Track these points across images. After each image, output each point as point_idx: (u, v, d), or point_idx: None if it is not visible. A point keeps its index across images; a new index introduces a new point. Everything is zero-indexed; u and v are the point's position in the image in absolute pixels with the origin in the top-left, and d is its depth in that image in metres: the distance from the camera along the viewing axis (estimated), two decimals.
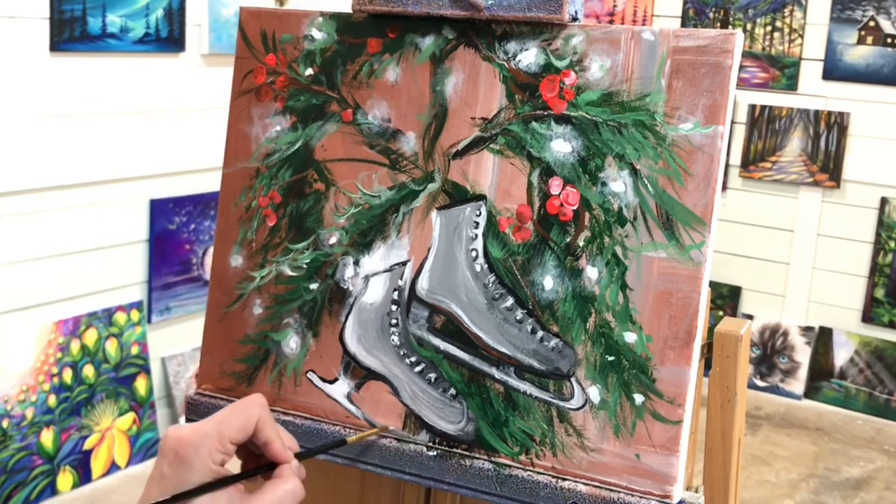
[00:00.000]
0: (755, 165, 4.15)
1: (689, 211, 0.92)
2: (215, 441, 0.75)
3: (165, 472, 0.74)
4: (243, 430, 0.77)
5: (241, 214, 1.10)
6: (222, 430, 0.76)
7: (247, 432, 0.78)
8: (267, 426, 0.79)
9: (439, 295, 1.00)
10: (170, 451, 0.75)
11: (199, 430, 0.76)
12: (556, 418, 0.95)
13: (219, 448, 0.75)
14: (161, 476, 0.74)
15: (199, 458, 0.74)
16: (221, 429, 0.76)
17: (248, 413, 0.78)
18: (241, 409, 0.78)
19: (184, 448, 0.74)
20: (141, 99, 3.01)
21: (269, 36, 1.10)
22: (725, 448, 1.10)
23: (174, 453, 0.74)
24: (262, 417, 0.79)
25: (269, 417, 0.80)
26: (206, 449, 0.75)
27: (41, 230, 2.80)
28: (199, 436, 0.75)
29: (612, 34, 0.95)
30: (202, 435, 0.75)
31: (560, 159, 0.96)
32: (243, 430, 0.77)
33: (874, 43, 3.87)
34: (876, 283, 3.94)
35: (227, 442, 0.76)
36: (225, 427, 0.76)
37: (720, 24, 4.19)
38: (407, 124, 1.03)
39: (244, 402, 0.79)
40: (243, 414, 0.78)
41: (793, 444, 3.63)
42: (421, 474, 0.99)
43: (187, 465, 0.74)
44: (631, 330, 0.93)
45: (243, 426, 0.77)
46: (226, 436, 0.76)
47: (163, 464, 0.75)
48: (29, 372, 2.79)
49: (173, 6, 3.02)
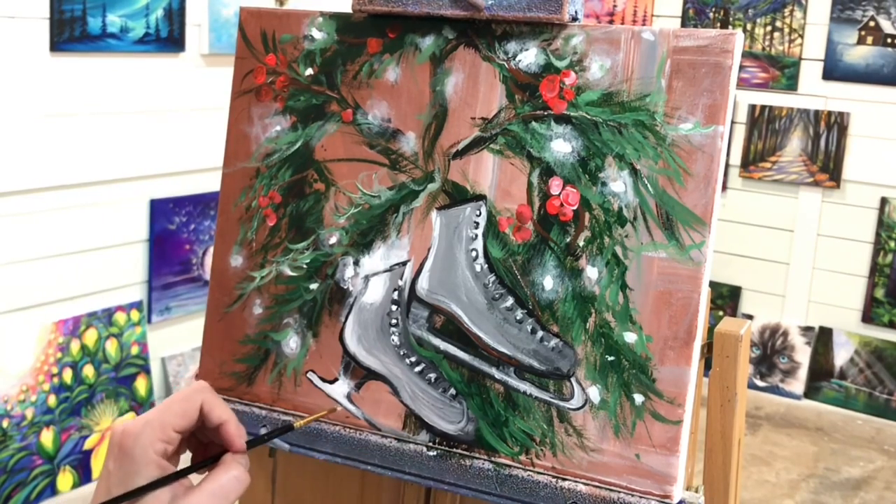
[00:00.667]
0: (755, 165, 4.15)
1: (689, 211, 0.92)
2: (156, 429, 0.73)
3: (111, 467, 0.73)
4: (185, 415, 0.75)
5: (241, 214, 1.10)
6: (163, 417, 0.74)
7: (190, 418, 0.76)
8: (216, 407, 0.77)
9: (439, 295, 1.00)
10: (114, 445, 0.73)
11: (140, 420, 0.74)
12: (556, 418, 0.95)
13: (160, 437, 0.73)
14: (108, 472, 0.73)
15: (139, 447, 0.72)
16: (162, 416, 0.74)
17: (190, 399, 0.76)
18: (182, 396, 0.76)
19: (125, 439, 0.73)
20: (141, 99, 3.01)
21: (269, 36, 1.10)
22: (725, 448, 1.10)
23: (118, 447, 0.73)
24: (206, 400, 0.77)
25: (216, 400, 0.77)
26: (146, 438, 0.73)
27: (41, 230, 2.80)
28: (140, 426, 0.73)
29: (612, 34, 0.95)
30: (143, 424, 0.73)
31: (560, 159, 0.96)
32: (185, 415, 0.75)
33: (874, 43, 3.87)
34: (876, 283, 3.94)
35: (168, 429, 0.74)
36: (165, 414, 0.74)
37: (720, 24, 4.19)
38: (407, 124, 1.03)
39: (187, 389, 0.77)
40: (185, 401, 0.76)
41: (793, 444, 3.63)
42: (421, 474, 0.99)
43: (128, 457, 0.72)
44: (631, 330, 0.93)
45: (185, 412, 0.75)
46: (167, 423, 0.74)
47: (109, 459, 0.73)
48: (29, 372, 2.79)
49: (173, 6, 3.02)
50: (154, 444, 0.73)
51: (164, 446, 0.74)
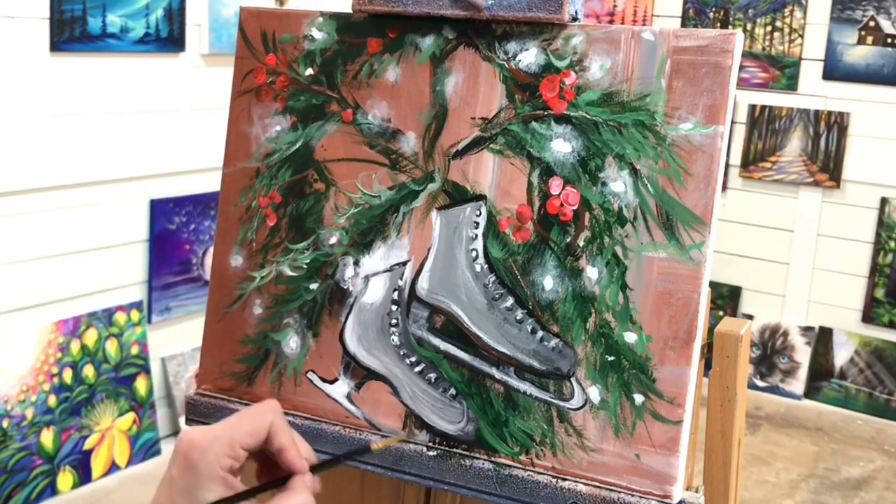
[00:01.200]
0: (755, 165, 4.15)
1: (689, 211, 0.92)
2: (225, 445, 0.73)
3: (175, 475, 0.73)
4: (254, 434, 0.75)
5: (241, 214, 1.10)
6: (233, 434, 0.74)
7: (258, 437, 0.76)
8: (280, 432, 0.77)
9: (439, 295, 1.00)
10: (180, 454, 0.73)
11: (209, 433, 0.74)
12: (556, 418, 0.95)
13: (228, 453, 0.74)
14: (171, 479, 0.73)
15: (206, 461, 0.73)
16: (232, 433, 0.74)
17: (261, 418, 0.76)
18: (253, 414, 0.76)
19: (193, 452, 0.73)
20: (141, 99, 3.01)
21: (270, 36, 1.10)
22: (725, 448, 1.10)
23: (184, 457, 0.73)
24: (275, 423, 0.76)
25: (283, 423, 0.77)
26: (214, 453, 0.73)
27: (41, 230, 2.80)
28: (209, 440, 0.73)
29: (612, 34, 0.95)
30: (212, 439, 0.73)
31: (560, 159, 0.96)
32: (254, 434, 0.75)
33: (874, 43, 3.87)
34: (876, 283, 3.94)
35: (237, 447, 0.74)
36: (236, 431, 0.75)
37: (720, 24, 4.18)
38: (407, 124, 1.03)
39: (257, 407, 0.77)
40: (256, 419, 0.76)
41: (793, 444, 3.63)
42: (421, 474, 0.99)
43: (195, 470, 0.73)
44: (631, 330, 0.93)
45: (254, 431, 0.75)
46: (236, 440, 0.74)
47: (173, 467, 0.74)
48: (29, 372, 2.79)
49: (173, 6, 3.02)
50: (221, 460, 0.73)
51: (230, 462, 0.74)
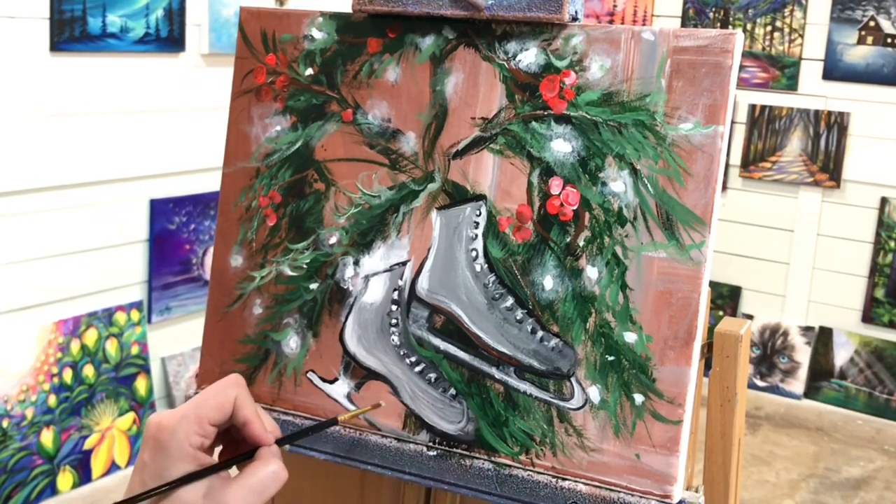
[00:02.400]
0: (755, 165, 4.15)
1: (689, 211, 0.92)
2: (192, 423, 0.74)
3: (146, 459, 0.73)
4: (221, 409, 0.76)
5: (241, 214, 1.10)
6: (199, 411, 0.74)
7: (225, 412, 0.76)
8: (245, 406, 0.77)
9: (439, 295, 1.00)
10: (150, 437, 0.74)
11: (176, 413, 0.74)
12: (556, 418, 0.95)
13: (196, 430, 0.74)
14: (143, 465, 0.73)
15: (175, 441, 0.73)
16: (198, 410, 0.75)
17: (225, 393, 0.76)
18: (217, 390, 0.77)
19: (161, 433, 0.73)
20: (141, 99, 3.01)
21: (269, 36, 1.10)
22: (725, 448, 1.10)
23: (153, 439, 0.73)
24: (239, 396, 0.77)
25: (247, 398, 0.78)
26: (183, 432, 0.73)
27: (41, 230, 2.80)
28: (177, 419, 0.74)
29: (612, 34, 0.95)
30: (179, 418, 0.74)
31: (560, 159, 0.96)
32: (221, 409, 0.76)
33: (874, 43, 3.87)
34: (876, 283, 3.94)
35: (204, 423, 0.74)
36: (201, 408, 0.75)
37: (720, 24, 4.19)
38: (407, 124, 1.03)
39: (221, 383, 0.77)
40: (220, 394, 0.76)
41: (793, 444, 3.63)
42: (421, 474, 0.99)
43: (165, 450, 0.73)
44: (631, 330, 0.93)
45: (220, 406, 0.76)
46: (203, 417, 0.74)
47: (144, 452, 0.74)
48: (29, 372, 2.79)
49: (173, 6, 3.02)
50: (190, 438, 0.73)
51: (200, 440, 0.74)
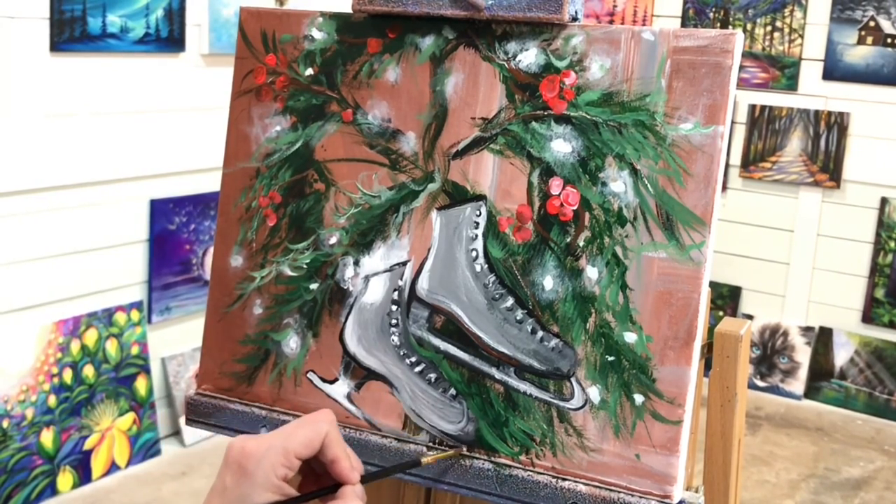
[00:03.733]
0: (755, 165, 4.15)
1: (689, 211, 0.92)
2: (280, 455, 0.73)
3: (228, 483, 0.73)
4: (310, 445, 0.75)
5: (241, 214, 1.10)
6: (288, 444, 0.74)
7: (313, 448, 0.75)
8: (334, 443, 0.76)
9: (439, 295, 1.00)
10: (233, 462, 0.73)
11: (264, 442, 0.74)
12: (556, 418, 0.95)
13: (283, 462, 0.73)
14: (223, 488, 0.73)
15: (261, 470, 0.72)
16: (287, 443, 0.74)
17: (316, 428, 0.76)
18: (308, 424, 0.76)
19: (247, 460, 0.73)
20: (141, 99, 3.01)
21: (269, 36, 1.10)
22: (725, 448, 1.10)
23: (237, 465, 0.73)
24: (329, 434, 0.76)
25: (337, 435, 0.77)
26: (269, 462, 0.73)
27: (41, 230, 2.80)
28: (264, 448, 0.73)
29: (612, 34, 0.95)
30: (267, 448, 0.73)
31: (560, 159, 0.96)
32: (310, 445, 0.75)
33: (874, 43, 3.87)
34: (876, 283, 3.94)
35: (291, 456, 0.74)
36: (291, 441, 0.74)
37: (720, 24, 4.18)
38: (407, 124, 1.03)
39: (312, 417, 0.77)
40: (311, 429, 0.76)
41: (793, 444, 3.63)
42: (421, 474, 0.99)
43: (249, 478, 0.72)
44: (631, 330, 0.93)
45: (310, 441, 0.75)
46: (291, 450, 0.74)
47: (226, 475, 0.73)
48: (29, 372, 2.79)
49: (173, 6, 3.02)
50: (277, 469, 0.73)
51: (285, 471, 0.74)
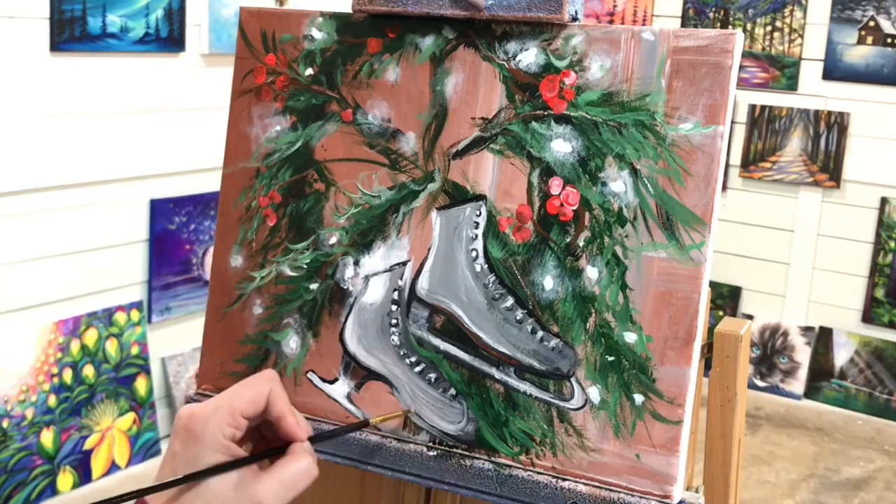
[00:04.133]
0: (755, 165, 4.15)
1: (689, 211, 0.92)
2: (226, 415, 0.74)
3: (177, 449, 0.73)
4: (254, 402, 0.76)
5: (241, 214, 1.10)
6: (233, 403, 0.75)
7: (258, 405, 0.76)
8: (279, 401, 0.77)
9: (439, 295, 1.00)
10: (181, 427, 0.74)
11: (209, 404, 0.75)
12: (556, 418, 0.95)
13: (229, 422, 0.74)
14: (173, 454, 0.74)
15: (209, 432, 0.73)
16: (232, 402, 0.75)
17: (259, 387, 0.77)
18: (252, 383, 0.77)
19: (194, 423, 0.73)
20: (141, 99, 3.01)
21: (269, 36, 1.10)
22: (725, 448, 1.10)
23: (185, 429, 0.73)
24: (273, 391, 0.77)
25: (281, 392, 0.78)
26: (216, 422, 0.73)
27: (41, 230, 2.80)
28: (210, 410, 0.74)
29: (612, 34, 0.95)
30: (213, 409, 0.74)
31: (560, 159, 0.96)
32: (254, 402, 0.76)
33: (874, 43, 3.87)
34: (876, 283, 3.94)
35: (237, 415, 0.74)
36: (235, 400, 0.75)
37: (720, 24, 4.19)
38: (407, 124, 1.03)
39: (256, 377, 0.78)
40: (254, 387, 0.76)
41: (793, 444, 3.63)
42: (421, 474, 0.99)
43: (197, 440, 0.73)
44: (631, 330, 0.93)
45: (254, 399, 0.76)
46: (236, 409, 0.74)
47: (175, 441, 0.74)
48: (29, 372, 2.79)
49: (173, 6, 3.02)
50: (223, 429, 0.74)
51: (232, 431, 0.74)
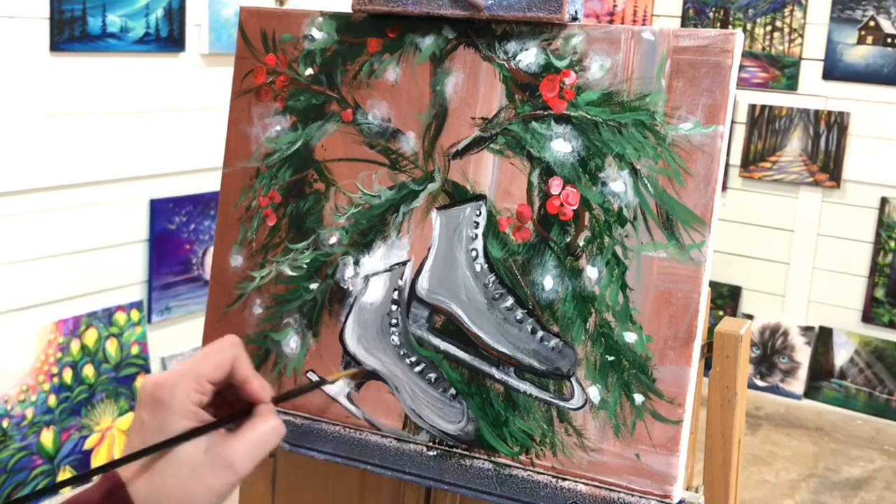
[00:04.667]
0: (755, 165, 4.15)
1: (689, 211, 0.92)
2: (191, 381, 0.74)
3: (145, 418, 0.73)
4: (219, 368, 0.76)
5: (241, 214, 1.10)
6: (198, 369, 0.75)
7: (223, 370, 0.77)
8: (243, 364, 0.78)
9: (439, 295, 1.00)
10: (147, 397, 0.74)
11: (174, 372, 0.75)
12: (556, 418, 0.95)
13: (195, 388, 0.74)
14: (141, 423, 0.74)
15: (176, 399, 0.73)
16: (197, 369, 0.75)
17: (223, 352, 0.77)
18: (216, 350, 0.78)
19: (160, 391, 0.74)
20: (141, 99, 3.01)
21: (269, 36, 1.10)
22: (725, 448, 1.10)
23: (151, 398, 0.74)
24: (237, 356, 0.78)
25: (244, 357, 0.79)
26: (182, 389, 0.74)
27: (41, 230, 2.80)
28: (176, 377, 0.74)
29: (612, 34, 0.95)
30: (178, 376, 0.74)
31: (560, 159, 0.96)
32: (219, 368, 0.76)
33: (874, 43, 3.87)
34: (876, 283, 3.94)
35: (203, 381, 0.75)
36: (200, 366, 0.76)
37: (720, 23, 4.19)
38: (407, 124, 1.03)
39: (219, 342, 0.78)
40: (218, 354, 0.77)
41: (793, 444, 3.63)
42: (421, 474, 0.99)
43: (165, 408, 0.73)
44: (631, 330, 0.93)
45: (219, 364, 0.77)
46: (202, 375, 0.75)
47: (141, 411, 0.74)
48: (29, 372, 2.79)
49: (173, 6, 3.02)
50: (190, 395, 0.74)
51: (199, 397, 0.75)
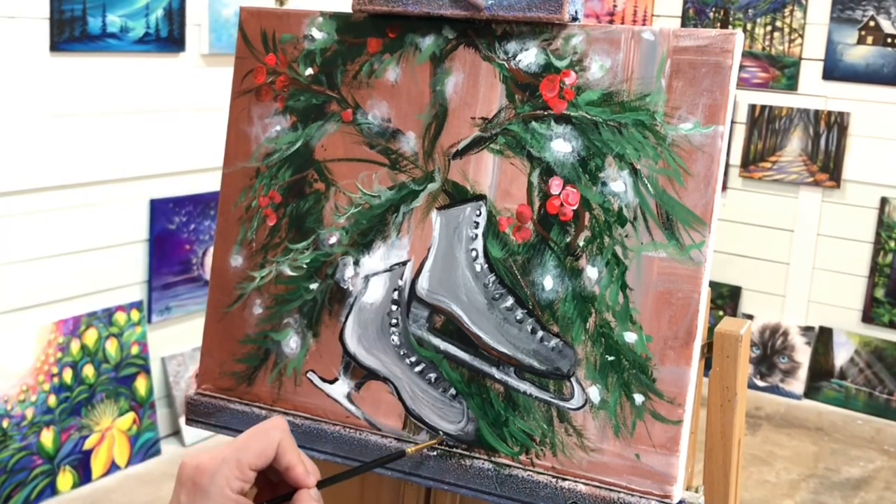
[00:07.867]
0: (755, 165, 4.15)
1: (689, 211, 0.92)
2: (233, 468, 0.72)
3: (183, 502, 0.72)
4: (263, 455, 0.74)
5: (241, 214, 1.10)
6: (241, 456, 0.73)
7: (267, 457, 0.74)
8: (288, 451, 0.75)
9: (439, 295, 1.00)
10: (187, 479, 0.72)
11: (216, 456, 0.73)
12: (556, 418, 0.95)
13: (237, 475, 0.72)
14: None
15: (216, 486, 0.71)
16: (240, 455, 0.73)
17: (268, 438, 0.75)
18: (260, 434, 0.75)
19: (201, 476, 0.72)
20: (141, 99, 3.01)
21: (269, 36, 1.10)
22: (725, 448, 1.10)
23: (191, 482, 0.72)
24: (282, 442, 0.75)
25: (290, 441, 0.76)
26: (223, 476, 0.72)
27: (41, 230, 2.80)
28: (217, 463, 0.72)
29: (612, 34, 0.95)
30: (220, 462, 0.72)
31: (560, 159, 0.96)
32: (263, 455, 0.74)
33: (874, 43, 3.87)
34: (876, 283, 3.94)
35: (245, 468, 0.73)
36: (244, 453, 0.73)
37: (720, 24, 4.19)
38: (407, 124, 1.03)
39: (264, 426, 0.76)
40: (263, 439, 0.75)
41: (793, 444, 3.63)
42: (421, 474, 0.99)
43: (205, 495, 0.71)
44: (631, 330, 0.93)
45: (263, 451, 0.74)
46: (244, 462, 0.73)
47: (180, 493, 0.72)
48: (29, 372, 2.79)
49: (173, 6, 3.02)
50: (231, 482, 0.72)
51: (240, 484, 0.73)
